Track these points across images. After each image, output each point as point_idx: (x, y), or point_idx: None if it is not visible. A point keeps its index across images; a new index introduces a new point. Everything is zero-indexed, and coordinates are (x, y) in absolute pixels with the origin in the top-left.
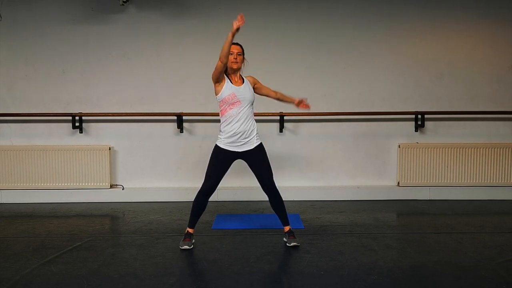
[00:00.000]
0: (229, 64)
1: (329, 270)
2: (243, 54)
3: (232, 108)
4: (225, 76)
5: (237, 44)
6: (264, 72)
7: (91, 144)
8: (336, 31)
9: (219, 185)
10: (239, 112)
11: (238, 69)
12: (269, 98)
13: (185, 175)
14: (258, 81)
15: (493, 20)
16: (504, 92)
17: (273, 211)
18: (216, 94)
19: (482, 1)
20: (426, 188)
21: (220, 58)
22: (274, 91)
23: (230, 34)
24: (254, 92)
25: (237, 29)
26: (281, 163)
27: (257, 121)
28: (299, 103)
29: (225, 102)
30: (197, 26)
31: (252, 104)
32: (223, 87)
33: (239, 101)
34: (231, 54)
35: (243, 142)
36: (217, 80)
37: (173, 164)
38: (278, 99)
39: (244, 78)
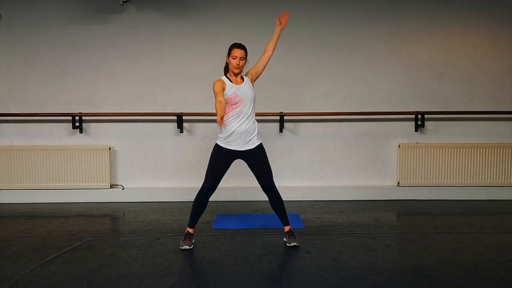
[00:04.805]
0: (231, 69)
1: (329, 270)
2: (246, 57)
3: (234, 108)
4: (223, 78)
5: (242, 48)
6: (264, 71)
7: (91, 144)
8: (337, 31)
9: (219, 185)
10: (241, 112)
11: (240, 73)
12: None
13: (185, 175)
14: (252, 68)
15: (493, 19)
16: (504, 92)
17: (273, 211)
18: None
19: (482, 1)
20: (426, 188)
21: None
22: (264, 54)
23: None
24: (256, 75)
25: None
26: (281, 163)
27: (257, 121)
28: (280, 22)
29: (228, 102)
30: (197, 26)
31: (254, 102)
32: (226, 89)
33: (241, 100)
34: (235, 58)
35: (244, 142)
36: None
37: (173, 164)
38: (272, 49)
39: (243, 77)
